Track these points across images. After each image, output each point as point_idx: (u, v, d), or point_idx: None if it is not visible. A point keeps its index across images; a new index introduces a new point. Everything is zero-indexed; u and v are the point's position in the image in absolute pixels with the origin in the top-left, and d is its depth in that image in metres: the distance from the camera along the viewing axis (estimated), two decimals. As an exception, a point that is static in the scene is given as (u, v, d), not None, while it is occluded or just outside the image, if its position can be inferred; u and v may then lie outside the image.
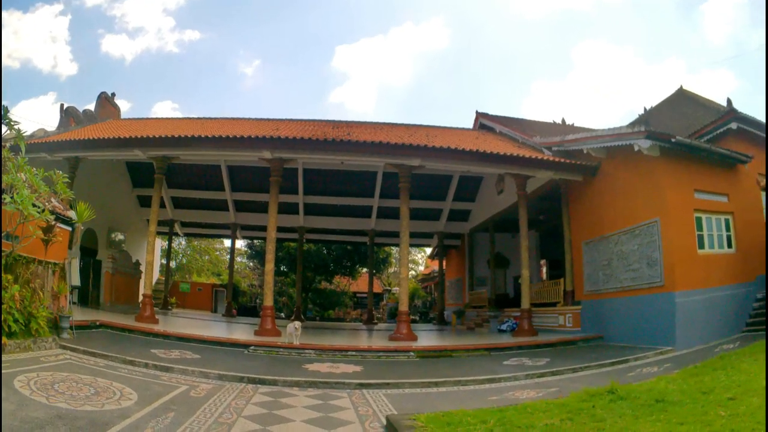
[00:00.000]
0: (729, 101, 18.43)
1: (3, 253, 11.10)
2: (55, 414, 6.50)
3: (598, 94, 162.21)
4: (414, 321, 19.00)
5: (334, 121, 27.98)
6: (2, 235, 11.13)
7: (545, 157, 19.63)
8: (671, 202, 15.85)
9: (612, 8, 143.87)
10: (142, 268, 27.81)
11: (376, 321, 36.55)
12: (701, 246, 16.29)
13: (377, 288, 52.21)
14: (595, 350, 15.55)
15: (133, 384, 8.94)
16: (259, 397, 8.96)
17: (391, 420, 7.06)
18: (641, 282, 16.47)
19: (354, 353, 14.83)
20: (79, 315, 16.39)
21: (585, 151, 19.12)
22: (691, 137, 17.92)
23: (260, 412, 7.95)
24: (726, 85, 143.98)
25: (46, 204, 13.01)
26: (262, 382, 10.30)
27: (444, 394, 10.00)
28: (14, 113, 12.04)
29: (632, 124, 16.77)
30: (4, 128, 11.52)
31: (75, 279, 15.65)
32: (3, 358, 9.30)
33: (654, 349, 14.28)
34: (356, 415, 8.08)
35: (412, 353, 14.99)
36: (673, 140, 15.55)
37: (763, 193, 18.26)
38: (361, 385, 10.38)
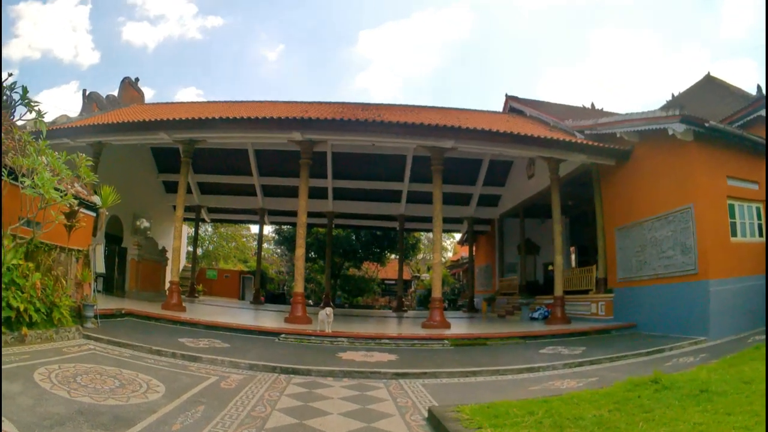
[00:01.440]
0: (759, 88, 18.21)
1: (24, 241, 10.81)
2: (76, 409, 6.21)
3: (602, 87, 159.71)
4: (444, 308, 18.63)
5: (363, 104, 27.73)
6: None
7: (579, 141, 19.33)
8: (705, 187, 15.59)
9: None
10: (169, 255, 27.71)
11: (405, 308, 36.40)
12: (734, 234, 16.02)
13: (406, 275, 51.86)
14: (629, 339, 15.29)
15: (160, 375, 8.71)
16: (293, 388, 8.75)
17: (435, 412, 6.76)
18: (675, 270, 16.19)
19: (387, 341, 14.64)
20: (104, 303, 16.24)
21: (618, 135, 18.77)
22: (722, 123, 17.42)
23: (295, 404, 7.70)
24: (748, 75, 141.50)
25: (69, 188, 12.69)
26: (295, 372, 10.08)
27: (482, 383, 9.80)
28: (37, 101, 11.80)
29: (666, 108, 16.29)
30: (23, 109, 11.28)
31: (99, 266, 15.41)
32: (24, 350, 9.23)
33: (688, 338, 14.04)
34: (395, 406, 7.86)
35: (446, 341, 14.78)
36: (707, 125, 15.22)
37: None
38: (397, 375, 10.19)
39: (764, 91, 17.80)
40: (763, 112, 17.69)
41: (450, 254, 67.24)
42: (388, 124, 17.76)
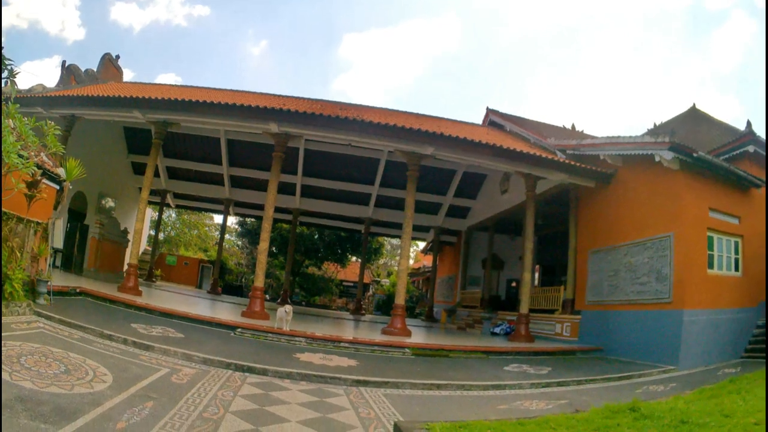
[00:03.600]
0: (749, 123, 18.11)
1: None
2: (15, 395, 5.64)
3: (583, 109, 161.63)
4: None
5: (342, 103, 27.24)
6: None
7: (562, 159, 19.12)
8: (687, 217, 15.50)
9: (621, 23, 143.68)
10: (130, 237, 27.04)
11: (363, 311, 36.11)
12: (711, 266, 15.96)
13: (366, 278, 51.52)
14: (596, 363, 15.14)
15: (109, 363, 8.10)
16: (248, 389, 8.20)
17: (402, 428, 6.24)
18: (648, 297, 16.05)
19: (347, 345, 14.26)
20: (60, 280, 15.74)
21: (601, 158, 18.66)
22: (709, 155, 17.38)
23: (250, 407, 7.15)
24: (730, 111, 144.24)
25: (34, 156, 12.01)
26: (251, 370, 9.57)
27: (448, 398, 9.45)
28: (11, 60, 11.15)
29: (655, 134, 16.18)
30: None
31: (58, 241, 14.76)
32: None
33: (657, 366, 14.00)
34: (357, 417, 7.37)
35: (407, 350, 14.41)
36: (695, 155, 15.12)
37: None
38: (358, 382, 9.76)
39: (753, 126, 17.72)
40: (750, 148, 17.67)
41: (411, 262, 67.02)
42: (369, 124, 17.30)
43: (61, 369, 7.07)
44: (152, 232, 39.90)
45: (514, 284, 32.99)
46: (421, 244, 48.34)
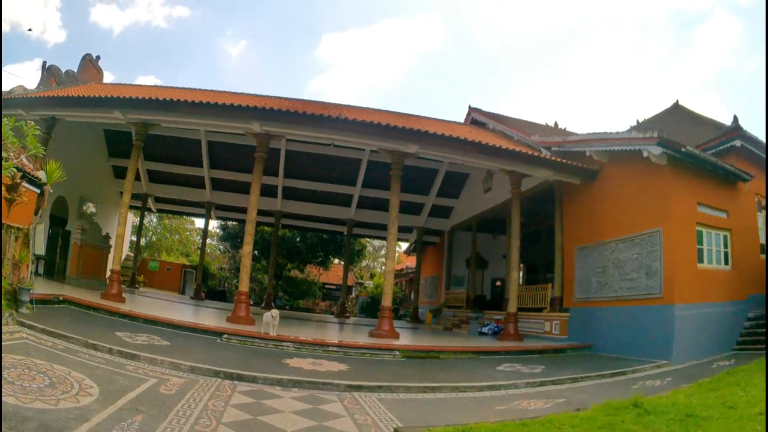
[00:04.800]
0: (735, 118, 18.21)
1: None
2: (-2, 412, 5.26)
3: (566, 107, 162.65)
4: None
5: (324, 103, 26.97)
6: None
7: (547, 156, 19.06)
8: (676, 212, 15.50)
9: (602, 22, 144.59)
10: (112, 242, 26.60)
11: (348, 314, 35.86)
12: (700, 260, 16.01)
13: (349, 281, 51.32)
14: (587, 360, 15.08)
15: (95, 374, 7.76)
16: (239, 398, 7.92)
17: (403, 434, 6.00)
18: (638, 292, 16.03)
19: (335, 349, 14.08)
20: (43, 288, 15.34)
21: (587, 154, 18.60)
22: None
23: (243, 417, 6.86)
24: (711, 108, 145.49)
25: (14, 158, 11.62)
26: (240, 378, 9.28)
27: (444, 401, 9.26)
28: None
29: (643, 130, 16.12)
30: None
31: (40, 247, 14.35)
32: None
33: (649, 362, 13.95)
34: (354, 424, 7.14)
35: (397, 352, 14.27)
36: (683, 150, 15.09)
37: (762, 213, 18.26)
38: (351, 387, 9.51)
39: (739, 121, 17.77)
40: (737, 143, 17.70)
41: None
42: (353, 123, 17.12)
43: (45, 382, 6.73)
44: (134, 238, 39.47)
45: (498, 283, 32.96)
46: (404, 245, 48.16)
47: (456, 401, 9.24)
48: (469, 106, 29.41)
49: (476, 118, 28.55)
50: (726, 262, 16.74)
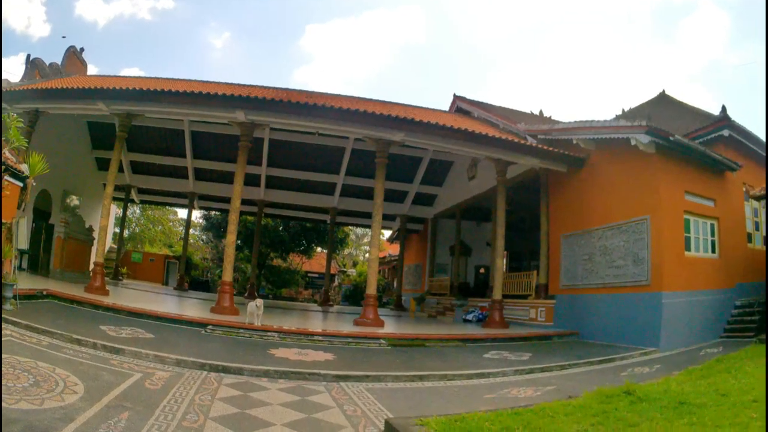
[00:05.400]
0: (723, 108, 18.43)
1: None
2: (-18, 415, 5.05)
3: (549, 96, 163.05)
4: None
5: (308, 92, 26.69)
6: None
7: (534, 144, 19.07)
8: (664, 200, 15.51)
9: (587, 10, 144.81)
10: (95, 234, 26.35)
11: (331, 303, 35.89)
12: (688, 248, 16.12)
13: (332, 269, 51.22)
14: (574, 347, 15.08)
15: (80, 371, 7.56)
16: (226, 390, 7.76)
17: (395, 425, 5.92)
18: (625, 279, 16.05)
19: (321, 338, 13.96)
20: (27, 283, 15.15)
21: (574, 142, 18.56)
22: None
23: (231, 411, 6.71)
24: (697, 100, 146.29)
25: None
26: (226, 370, 9.13)
27: (433, 390, 9.20)
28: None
29: (631, 118, 16.19)
30: None
31: (23, 241, 14.09)
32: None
33: (637, 349, 13.98)
34: (344, 416, 7.02)
35: (383, 341, 14.17)
36: (671, 138, 15.10)
37: (762, 202, 18.30)
38: (338, 377, 9.42)
39: (727, 111, 17.91)
40: (725, 133, 17.84)
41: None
42: (339, 111, 17.07)
43: (30, 381, 6.51)
44: (117, 230, 39.15)
45: (482, 270, 33.05)
46: (386, 233, 48.14)
47: (445, 390, 9.17)
48: (454, 95, 29.26)
49: (461, 106, 28.40)
50: (713, 251, 16.83)
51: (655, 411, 6.21)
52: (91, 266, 20.65)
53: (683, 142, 15.45)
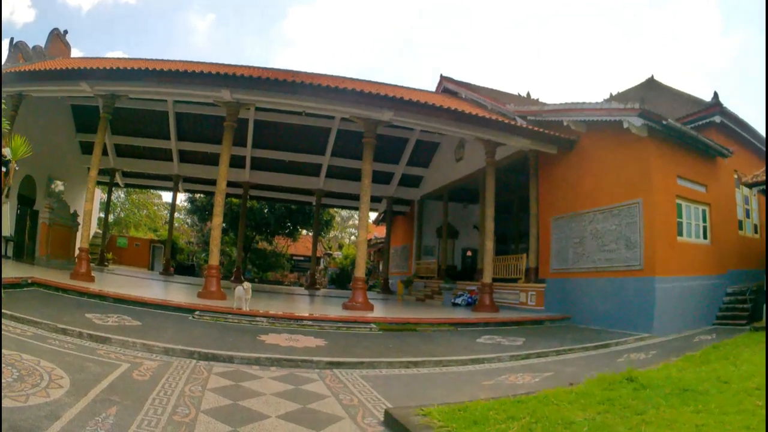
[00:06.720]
0: (716, 94, 18.64)
1: None
2: (-37, 416, 4.72)
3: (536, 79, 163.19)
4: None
5: (294, 71, 26.27)
6: None
7: (525, 125, 18.89)
8: (656, 184, 15.46)
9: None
10: (80, 220, 25.96)
11: (318, 286, 35.73)
12: (680, 233, 16.16)
13: (318, 252, 51.01)
14: (568, 331, 15.02)
15: (65, 362, 7.23)
16: (217, 380, 7.48)
17: (395, 415, 5.75)
18: (618, 264, 16.01)
19: (310, 323, 13.67)
20: (12, 271, 14.98)
21: (565, 123, 18.40)
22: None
23: (223, 402, 6.42)
24: (686, 86, 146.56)
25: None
26: (216, 358, 8.83)
27: (429, 376, 8.98)
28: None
29: (623, 101, 16.07)
30: None
31: (7, 228, 13.69)
32: None
33: (631, 334, 13.99)
34: (340, 405, 6.78)
35: (373, 325, 14.00)
36: (664, 122, 15.02)
37: (754, 189, 18.21)
38: (331, 364, 9.15)
39: (719, 98, 17.92)
40: (716, 119, 17.98)
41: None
42: (327, 89, 16.73)
43: (14, 375, 6.16)
44: (102, 214, 38.77)
45: (469, 253, 33.02)
46: (372, 215, 47.94)
47: (442, 377, 8.98)
48: (441, 75, 29.01)
49: (448, 87, 28.13)
50: (705, 237, 16.91)
51: (659, 398, 6.17)
52: (77, 252, 20.29)
53: (676, 126, 15.37)
